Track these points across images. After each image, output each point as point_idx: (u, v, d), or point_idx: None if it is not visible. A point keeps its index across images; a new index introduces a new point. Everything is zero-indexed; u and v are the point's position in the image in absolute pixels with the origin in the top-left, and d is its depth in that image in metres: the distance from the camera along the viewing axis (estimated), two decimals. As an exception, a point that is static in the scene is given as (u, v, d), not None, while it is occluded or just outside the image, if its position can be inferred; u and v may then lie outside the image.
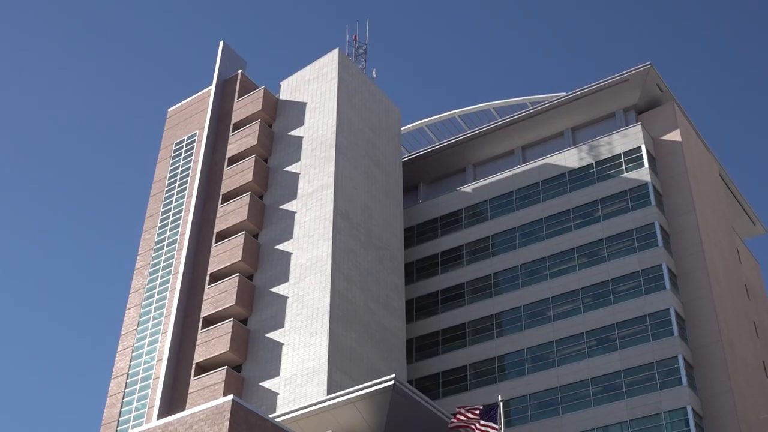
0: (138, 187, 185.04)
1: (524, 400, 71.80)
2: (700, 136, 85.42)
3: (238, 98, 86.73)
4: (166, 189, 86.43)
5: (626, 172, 77.98)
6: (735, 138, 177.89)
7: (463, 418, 29.04)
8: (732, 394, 66.99)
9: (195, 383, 70.02)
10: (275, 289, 72.93)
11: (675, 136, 79.76)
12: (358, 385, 42.61)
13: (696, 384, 67.83)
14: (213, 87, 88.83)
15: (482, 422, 28.44)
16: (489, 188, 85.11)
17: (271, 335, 70.50)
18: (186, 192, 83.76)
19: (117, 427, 73.20)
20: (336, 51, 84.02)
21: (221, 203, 79.94)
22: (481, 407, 29.13)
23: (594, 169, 79.76)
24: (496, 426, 28.40)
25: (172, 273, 79.07)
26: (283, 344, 69.36)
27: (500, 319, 77.65)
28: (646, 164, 77.20)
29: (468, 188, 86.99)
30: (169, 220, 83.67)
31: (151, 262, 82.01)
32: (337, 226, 73.26)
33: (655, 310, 70.31)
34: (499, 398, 29.40)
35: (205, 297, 74.67)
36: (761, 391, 71.19)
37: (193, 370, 71.34)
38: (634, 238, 74.27)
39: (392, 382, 40.31)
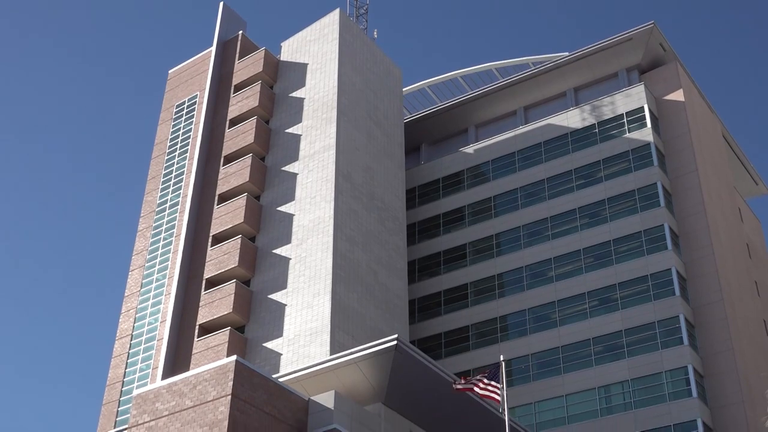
0: (140, 149, 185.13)
1: (526, 359, 72.23)
2: (703, 95, 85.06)
3: (238, 60, 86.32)
4: (167, 151, 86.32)
5: (629, 132, 77.78)
6: (738, 98, 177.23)
7: (465, 382, 29.18)
8: (733, 352, 67.34)
9: (198, 344, 70.38)
10: (278, 251, 73.04)
11: (678, 96, 79.44)
12: (360, 345, 42.82)
13: (697, 343, 68.16)
14: (213, 48, 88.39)
15: (485, 381, 28.59)
16: (491, 149, 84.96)
17: (273, 296, 70.71)
18: (187, 154, 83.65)
19: (122, 387, 73.69)
20: (337, 11, 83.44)
21: (223, 165, 79.83)
22: (489, 371, 29.27)
23: (596, 130, 79.55)
24: (499, 385, 28.52)
25: (174, 235, 79.18)
26: (285, 305, 69.58)
27: (502, 279, 77.89)
28: (649, 124, 77.00)
29: (470, 149, 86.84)
30: (171, 182, 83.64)
31: (154, 224, 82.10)
32: (339, 188, 73.19)
33: (656, 270, 70.48)
34: (501, 358, 29.51)
35: (207, 259, 74.82)
36: (762, 349, 71.56)
37: (196, 331, 71.65)
38: (636, 199, 74.25)
39: (395, 342, 40.45)
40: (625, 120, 78.65)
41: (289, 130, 79.74)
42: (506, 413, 28.94)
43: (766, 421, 19.09)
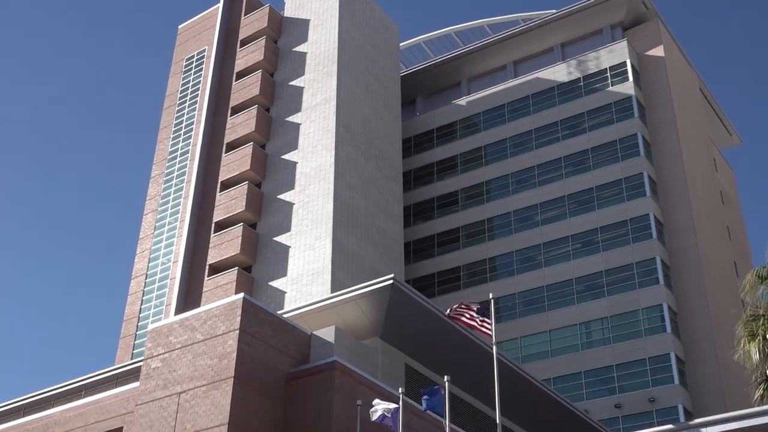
0: (152, 100, 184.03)
1: (513, 298, 72.66)
2: (682, 51, 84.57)
3: (244, 15, 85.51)
4: (178, 102, 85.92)
5: (612, 86, 77.50)
6: (716, 52, 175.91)
7: (458, 312, 29.23)
8: (704, 292, 67.82)
9: (208, 283, 70.73)
10: (282, 196, 73.07)
11: (658, 51, 79.03)
12: (359, 284, 42.95)
13: (672, 283, 68.58)
14: (221, 5, 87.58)
15: (477, 317, 28.70)
16: (482, 101, 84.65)
17: (278, 239, 70.90)
18: (197, 105, 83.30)
19: (137, 322, 74.22)
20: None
21: (230, 115, 79.53)
22: (480, 304, 29.30)
23: (581, 83, 79.22)
24: (488, 321, 28.67)
25: (185, 181, 79.16)
26: (289, 247, 69.81)
27: (491, 223, 78.07)
28: (631, 78, 76.68)
29: (462, 101, 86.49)
30: (182, 132, 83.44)
31: (166, 171, 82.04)
32: (339, 137, 73.02)
33: (635, 215, 70.69)
34: (491, 296, 29.60)
35: (216, 203, 74.88)
36: (732, 289, 71.95)
37: (206, 270, 71.96)
38: (618, 148, 74.19)
39: (391, 281, 40.58)
40: (608, 74, 78.30)
41: (293, 83, 79.29)
42: (494, 347, 29.17)
43: (734, 354, 19.34)
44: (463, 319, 28.76)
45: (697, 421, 28.85)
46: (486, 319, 28.47)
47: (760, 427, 27.23)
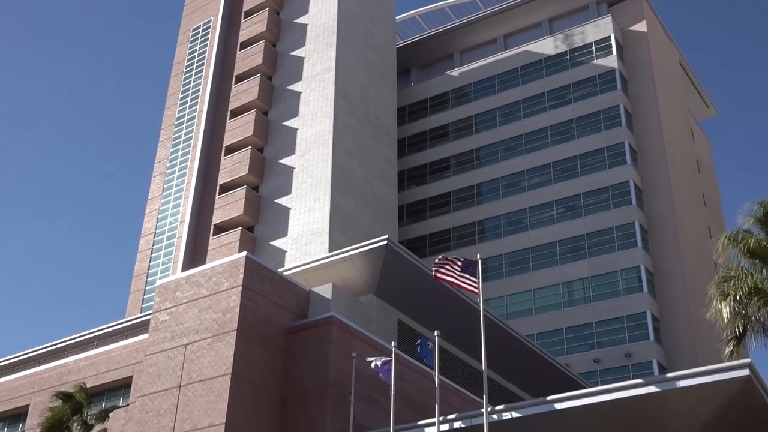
0: (160, 68, 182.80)
1: (500, 259, 72.89)
2: (663, 27, 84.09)
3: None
4: (184, 70, 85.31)
5: (596, 59, 77.17)
6: (696, 26, 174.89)
7: (444, 270, 29.21)
8: (680, 254, 68.10)
9: (213, 242, 70.78)
10: (283, 161, 72.91)
11: (641, 27, 78.62)
12: (355, 244, 43.04)
13: (649, 246, 68.82)
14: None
15: (466, 276, 28.74)
16: (474, 73, 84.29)
17: (279, 201, 70.86)
18: (203, 73, 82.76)
19: (146, 278, 74.37)
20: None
21: (234, 83, 79.10)
22: (463, 260, 29.29)
23: (567, 57, 78.88)
24: (475, 280, 28.75)
25: (191, 145, 78.94)
26: (290, 209, 69.80)
27: (480, 188, 78.09)
28: (614, 52, 76.36)
29: (455, 72, 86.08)
30: (188, 99, 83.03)
31: (173, 136, 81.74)
32: (338, 105, 72.71)
33: (616, 182, 70.76)
34: (478, 257, 29.64)
35: (221, 167, 74.73)
36: (705, 251, 72.11)
37: (211, 230, 72.00)
38: (601, 119, 74.06)
39: (385, 242, 40.66)
40: (593, 48, 77.94)
41: (294, 53, 78.74)
42: (481, 304, 29.29)
43: (706, 313, 19.48)
44: (451, 279, 28.81)
45: (670, 375, 29.09)
46: (473, 279, 28.57)
47: (729, 381, 27.49)
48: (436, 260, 29.45)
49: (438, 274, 29.06)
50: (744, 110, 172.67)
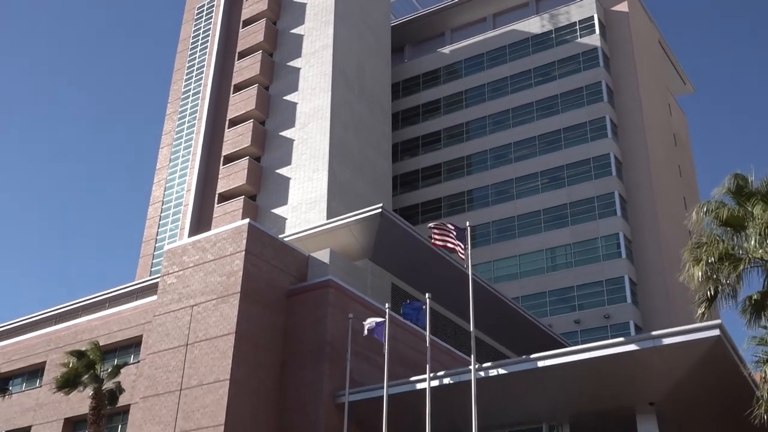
0: (167, 45, 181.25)
1: (487, 226, 72.99)
2: (644, 7, 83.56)
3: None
4: (190, 47, 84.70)
5: (580, 38, 76.77)
6: (675, 7, 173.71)
7: (440, 235, 29.23)
8: (656, 223, 68.29)
9: (218, 209, 70.71)
10: (284, 133, 72.65)
11: (623, 7, 78.14)
12: (351, 212, 43.07)
13: (628, 215, 68.96)
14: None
15: (455, 240, 28.81)
16: (464, 50, 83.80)
17: (280, 171, 70.71)
18: (207, 50, 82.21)
19: (155, 244, 74.39)
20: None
21: (237, 59, 78.52)
22: (455, 226, 29.33)
23: (553, 35, 78.45)
24: (464, 246, 28.83)
25: (197, 118, 78.62)
26: (290, 179, 69.68)
27: (470, 160, 77.99)
28: (597, 31, 75.95)
29: (446, 50, 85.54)
30: (194, 74, 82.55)
31: (179, 109, 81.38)
32: (335, 81, 72.33)
33: (597, 154, 70.72)
34: (467, 224, 29.68)
35: (225, 139, 74.45)
36: (680, 220, 72.18)
37: (216, 199, 71.89)
38: (584, 94, 73.84)
39: (380, 210, 40.66)
40: (577, 27, 77.49)
41: (293, 31, 78.11)
42: (470, 269, 29.40)
43: (680, 277, 19.61)
44: (447, 244, 28.86)
45: (645, 335, 29.30)
46: (462, 245, 28.65)
47: (701, 340, 27.71)
48: (433, 226, 29.40)
49: (435, 241, 29.10)
50: (719, 87, 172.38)
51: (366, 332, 31.56)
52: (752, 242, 19.28)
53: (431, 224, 29.38)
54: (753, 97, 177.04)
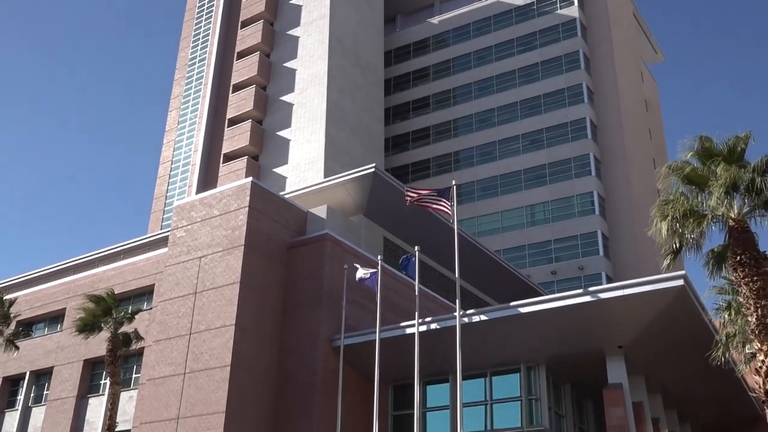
0: (174, 13, 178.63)
1: (472, 185, 72.98)
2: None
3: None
4: (195, 16, 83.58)
5: (559, 9, 75.96)
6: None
7: (414, 195, 29.11)
8: (628, 182, 68.37)
9: (223, 169, 70.49)
10: (284, 98, 72.14)
11: (600, -20, 77.22)
12: (347, 171, 42.95)
13: (601, 175, 69.01)
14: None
15: (438, 201, 28.72)
16: (452, 20, 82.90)
17: (280, 133, 70.37)
18: (212, 19, 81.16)
19: (165, 200, 74.25)
20: None
21: (240, 28, 77.66)
22: (436, 190, 29.22)
23: (534, 7, 77.59)
24: (450, 203, 28.79)
25: (203, 83, 77.90)
26: (290, 140, 69.37)
27: (456, 123, 77.65)
28: (576, 3, 75.16)
29: (435, 20, 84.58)
30: (200, 42, 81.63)
31: (186, 75, 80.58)
32: (332, 49, 71.65)
33: (574, 118, 70.49)
34: (453, 182, 29.62)
35: (229, 103, 73.94)
36: (650, 180, 72.54)
37: (221, 158, 71.62)
38: (563, 63, 73.31)
39: (373, 169, 40.52)
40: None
41: (292, 2, 77.11)
42: (455, 224, 29.43)
43: (648, 231, 19.68)
44: (425, 204, 28.78)
45: (615, 284, 29.49)
46: (448, 202, 28.63)
47: (666, 289, 27.92)
48: (407, 191, 29.30)
49: (409, 201, 28.99)
50: (687, 56, 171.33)
51: (357, 280, 31.66)
52: (714, 199, 19.31)
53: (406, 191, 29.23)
54: (717, 66, 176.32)
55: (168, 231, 39.29)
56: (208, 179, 71.34)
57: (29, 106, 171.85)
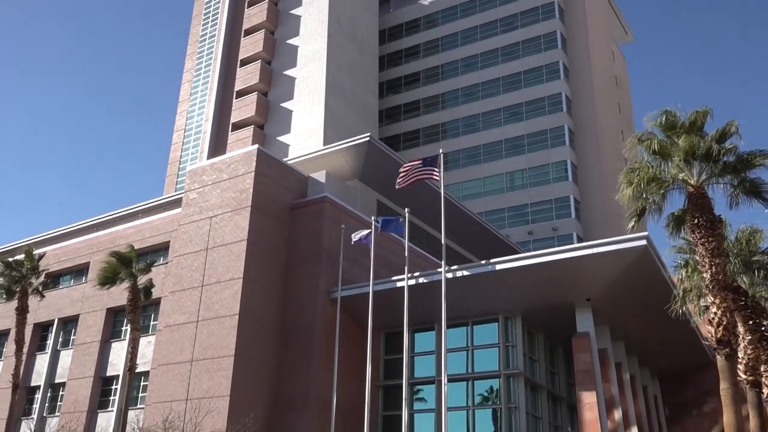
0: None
1: (458, 153, 72.81)
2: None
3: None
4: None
5: (539, -8, 75.15)
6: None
7: (407, 175, 29.03)
8: (598, 152, 68.34)
9: (231, 137, 70.11)
10: (287, 72, 71.46)
11: (577, -34, 76.09)
12: (344, 140, 42.80)
13: (575, 145, 68.89)
14: None
15: (425, 169, 28.64)
16: (441, 2, 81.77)
17: (284, 105, 69.87)
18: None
19: (179, 165, 73.94)
20: None
21: (246, 8, 76.56)
22: (422, 159, 29.17)
23: (516, -10, 76.73)
24: (437, 170, 28.77)
25: (213, 58, 77.06)
26: (292, 111, 68.92)
27: (444, 97, 77.13)
28: (554, -13, 74.22)
29: (425, 1, 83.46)
30: (210, 20, 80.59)
31: (197, 51, 79.67)
32: (331, 28, 70.86)
33: (551, 93, 70.11)
34: (440, 151, 29.59)
35: (237, 76, 73.22)
36: (618, 150, 72.25)
37: (230, 127, 71.18)
38: (541, 42, 72.67)
39: (368, 138, 40.39)
40: (536, -16, 75.74)
41: (295, -17, 76.02)
42: (442, 189, 29.47)
43: (615, 196, 19.75)
44: (415, 178, 28.72)
45: (585, 243, 29.68)
46: (436, 169, 28.61)
47: (631, 249, 28.13)
48: (400, 170, 29.23)
49: (400, 183, 28.92)
50: (655, 37, 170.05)
51: (354, 241, 31.81)
52: (675, 167, 19.36)
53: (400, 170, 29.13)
54: (681, 47, 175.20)
55: (182, 193, 39.21)
56: (218, 146, 70.98)
57: (67, 77, 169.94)
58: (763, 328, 20.93)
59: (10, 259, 39.29)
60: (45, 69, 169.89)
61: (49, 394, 40.54)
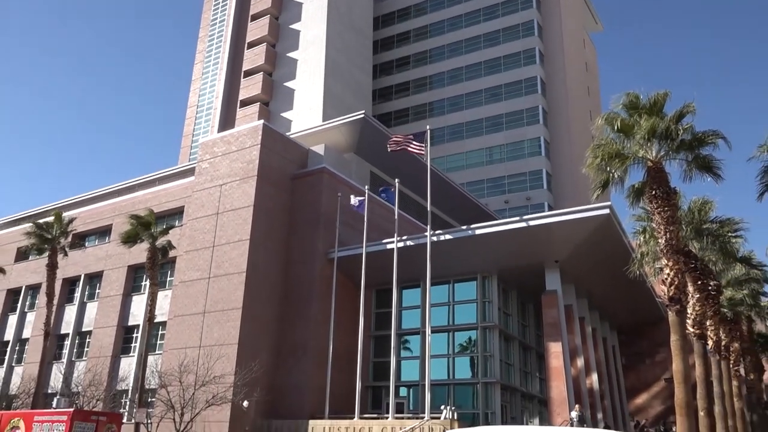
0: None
1: (443, 130, 72.47)
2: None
3: None
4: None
5: (518, -16, 74.05)
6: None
7: (394, 144, 28.96)
8: (569, 130, 68.14)
9: (239, 113, 69.48)
10: (290, 55, 70.58)
11: (552, -40, 74.93)
12: (341, 117, 42.52)
13: (548, 123, 68.64)
14: None
15: (414, 143, 28.60)
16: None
17: (287, 84, 69.15)
18: (230, -14, 78.63)
19: (192, 137, 73.37)
20: None
21: (254, -5, 75.34)
22: (412, 134, 29.12)
23: (498, -18, 75.58)
24: (423, 145, 28.70)
25: (223, 41, 75.99)
26: (295, 90, 68.25)
27: (431, 79, 76.45)
28: (532, -21, 73.13)
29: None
30: (219, 4, 79.26)
31: (208, 33, 78.51)
32: (330, 14, 69.86)
33: (527, 76, 69.58)
34: (428, 128, 29.45)
35: (244, 57, 72.28)
36: (586, 128, 72.11)
37: (238, 104, 70.50)
38: (520, 30, 71.87)
39: (362, 115, 40.15)
40: (516, -25, 74.59)
41: (298, -27, 74.61)
42: (428, 161, 29.41)
43: (582, 169, 19.72)
44: (404, 147, 28.68)
45: (555, 212, 29.78)
46: (422, 144, 28.54)
47: (595, 216, 28.25)
48: (390, 141, 29.15)
49: (391, 147, 28.89)
50: (623, 27, 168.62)
51: (352, 203, 31.81)
52: (636, 144, 19.34)
53: (392, 138, 29.06)
54: (646, 36, 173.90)
55: (195, 163, 38.96)
56: (227, 121, 70.40)
57: (94, 58, 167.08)
58: (710, 288, 21.18)
59: (41, 221, 39.09)
60: (82, 52, 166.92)
61: (77, 341, 40.72)
